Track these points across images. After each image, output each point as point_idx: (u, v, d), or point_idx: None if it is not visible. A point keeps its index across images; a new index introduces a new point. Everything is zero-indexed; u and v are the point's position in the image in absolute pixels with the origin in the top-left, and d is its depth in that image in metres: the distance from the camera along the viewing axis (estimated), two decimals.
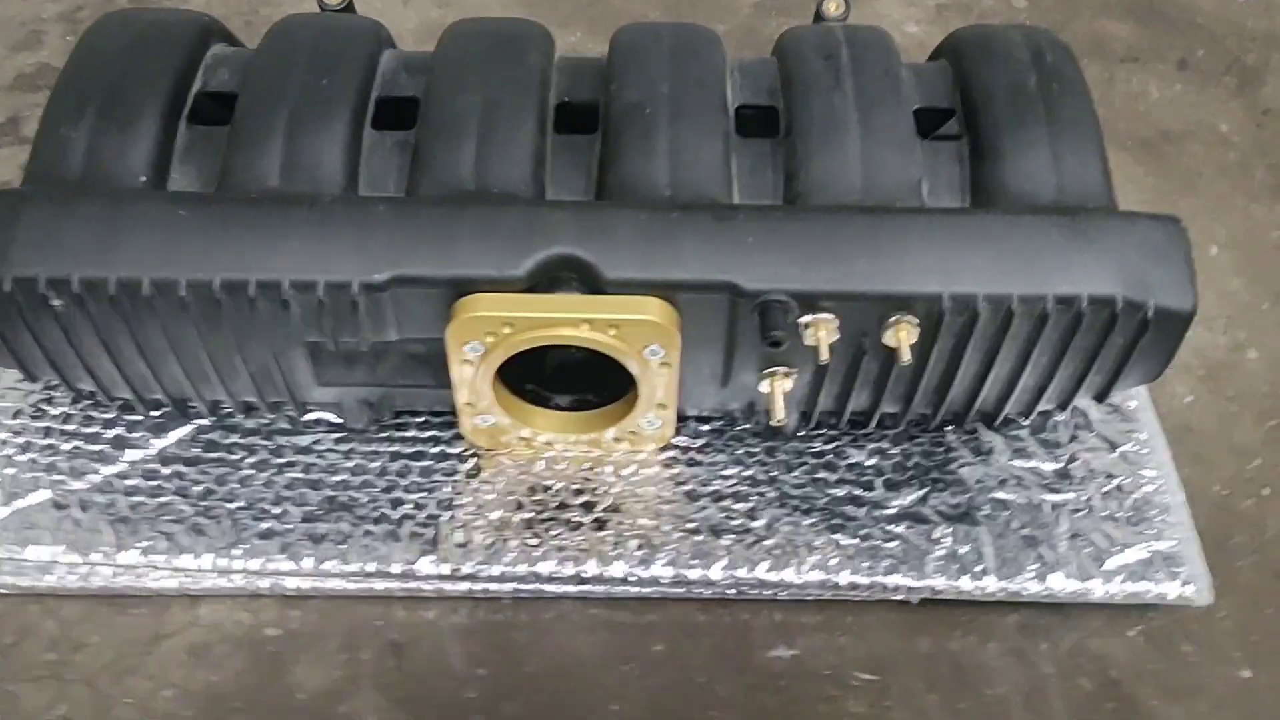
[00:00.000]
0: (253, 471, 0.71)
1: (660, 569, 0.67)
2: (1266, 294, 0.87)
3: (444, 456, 0.72)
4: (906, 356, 0.60)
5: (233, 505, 0.69)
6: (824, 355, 0.60)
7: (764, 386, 0.65)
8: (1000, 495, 0.70)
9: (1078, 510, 0.70)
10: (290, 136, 0.65)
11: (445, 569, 0.67)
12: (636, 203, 0.63)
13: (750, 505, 0.70)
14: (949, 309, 0.60)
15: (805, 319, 0.60)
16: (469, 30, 0.73)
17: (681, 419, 0.74)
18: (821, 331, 0.60)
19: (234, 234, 0.61)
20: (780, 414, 0.64)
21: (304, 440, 0.73)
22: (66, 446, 0.72)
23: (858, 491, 0.71)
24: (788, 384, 0.65)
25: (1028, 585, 0.67)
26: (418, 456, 0.72)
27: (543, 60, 0.71)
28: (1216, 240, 0.91)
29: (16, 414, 0.73)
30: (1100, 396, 0.68)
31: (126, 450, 0.72)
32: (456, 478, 0.71)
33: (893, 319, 0.60)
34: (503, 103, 0.67)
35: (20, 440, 0.72)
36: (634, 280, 0.60)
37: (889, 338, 0.61)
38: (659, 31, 0.73)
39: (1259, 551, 0.72)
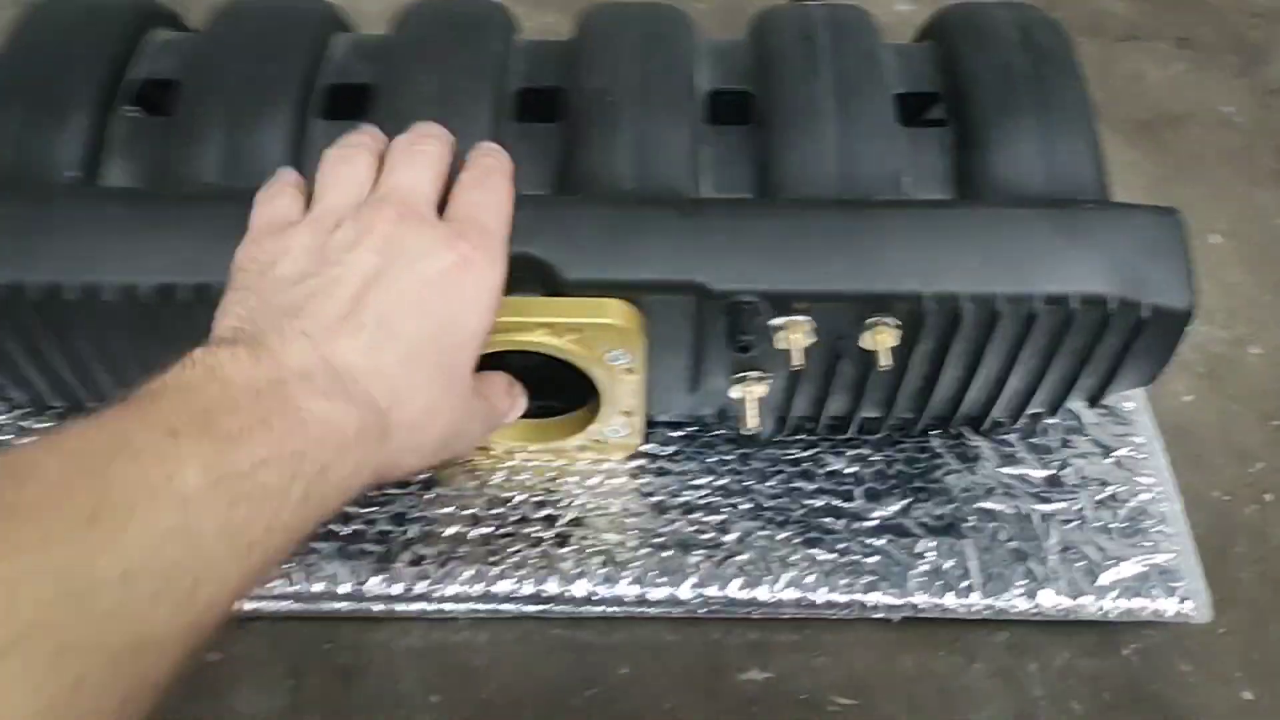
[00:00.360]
0: None
1: (625, 588, 0.63)
2: (1270, 285, 0.83)
3: None
4: (885, 361, 0.56)
5: None
6: (797, 360, 0.56)
7: (735, 392, 0.61)
8: (987, 505, 0.66)
9: (1069, 521, 0.66)
10: (231, 128, 0.61)
11: (397, 588, 0.63)
12: (598, 197, 0.59)
13: (722, 518, 0.66)
14: (930, 310, 0.56)
15: (777, 321, 0.56)
16: (424, 13, 0.69)
17: (651, 424, 0.70)
18: (794, 335, 0.56)
19: (166, 234, 0.57)
20: (752, 422, 0.60)
21: None
22: None
23: (836, 502, 0.67)
24: (760, 389, 0.61)
25: (1016, 602, 0.63)
26: None
27: (502, 44, 0.67)
28: (1218, 228, 0.86)
29: None
30: (1093, 400, 0.64)
31: None
32: (410, 491, 0.67)
33: (870, 321, 0.56)
34: (459, 90, 0.63)
35: None
36: (594, 281, 0.56)
37: (867, 341, 0.57)
38: (626, 12, 0.70)
39: (1262, 561, 0.68)
